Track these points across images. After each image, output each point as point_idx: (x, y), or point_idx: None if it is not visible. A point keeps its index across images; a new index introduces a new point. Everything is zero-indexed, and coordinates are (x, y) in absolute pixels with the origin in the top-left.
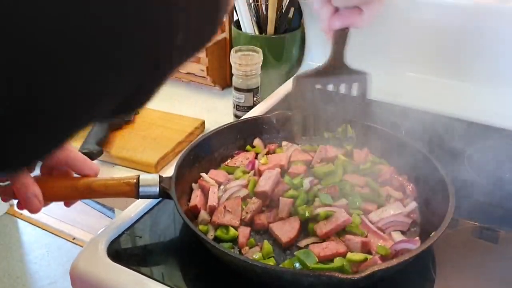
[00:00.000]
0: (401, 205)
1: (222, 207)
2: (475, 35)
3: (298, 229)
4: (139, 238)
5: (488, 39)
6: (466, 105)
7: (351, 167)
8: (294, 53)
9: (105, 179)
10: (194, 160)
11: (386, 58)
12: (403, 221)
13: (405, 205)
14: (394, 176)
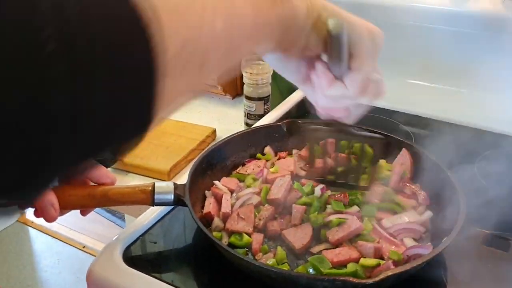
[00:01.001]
0: (416, 213)
1: (236, 214)
2: (482, 42)
3: (311, 236)
4: (154, 244)
5: (496, 46)
6: (476, 113)
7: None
8: None
9: (121, 187)
10: (206, 168)
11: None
12: (417, 229)
13: (418, 213)
14: (407, 184)
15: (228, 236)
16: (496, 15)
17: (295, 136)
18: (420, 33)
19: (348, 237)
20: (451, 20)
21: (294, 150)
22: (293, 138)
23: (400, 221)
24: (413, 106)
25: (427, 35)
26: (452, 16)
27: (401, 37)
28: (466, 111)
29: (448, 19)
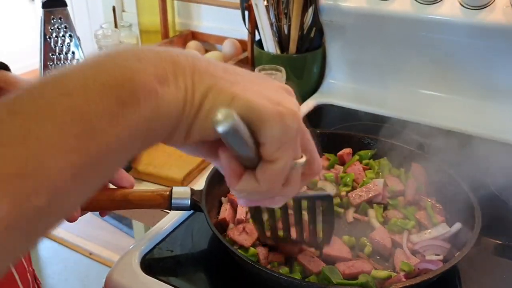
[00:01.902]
0: (446, 226)
1: (242, 227)
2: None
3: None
4: (170, 251)
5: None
6: (490, 124)
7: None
8: (315, 71)
9: (140, 191)
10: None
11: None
12: (441, 245)
13: (442, 228)
14: (422, 197)
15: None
16: (509, 27)
17: None
18: (433, 44)
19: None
20: (464, 31)
21: None
22: None
23: (426, 237)
24: (426, 117)
25: (440, 46)
26: (465, 27)
27: (414, 48)
28: (480, 122)
29: (461, 30)
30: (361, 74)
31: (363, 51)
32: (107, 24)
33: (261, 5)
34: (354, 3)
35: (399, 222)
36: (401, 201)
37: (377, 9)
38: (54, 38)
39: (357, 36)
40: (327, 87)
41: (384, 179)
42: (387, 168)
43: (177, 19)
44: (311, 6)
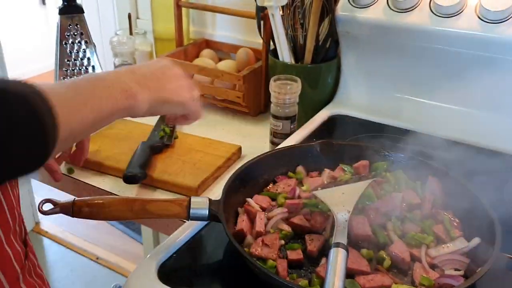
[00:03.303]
0: (465, 241)
1: (260, 241)
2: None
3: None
4: (188, 261)
5: None
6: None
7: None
8: (330, 82)
9: (159, 200)
10: (239, 185)
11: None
12: (460, 260)
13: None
14: (439, 211)
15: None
16: None
17: (328, 156)
18: (450, 57)
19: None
20: (482, 45)
21: (326, 169)
22: (326, 158)
23: (445, 251)
24: (441, 129)
25: (456, 59)
26: (483, 41)
27: (430, 60)
28: (496, 136)
29: (479, 44)
30: (375, 85)
31: (378, 62)
32: (121, 31)
33: (278, 15)
34: (371, 14)
35: (417, 236)
36: (417, 214)
37: (394, 21)
38: (70, 44)
39: (373, 47)
40: (341, 98)
41: (402, 193)
42: (403, 181)
43: (192, 27)
44: (327, 17)
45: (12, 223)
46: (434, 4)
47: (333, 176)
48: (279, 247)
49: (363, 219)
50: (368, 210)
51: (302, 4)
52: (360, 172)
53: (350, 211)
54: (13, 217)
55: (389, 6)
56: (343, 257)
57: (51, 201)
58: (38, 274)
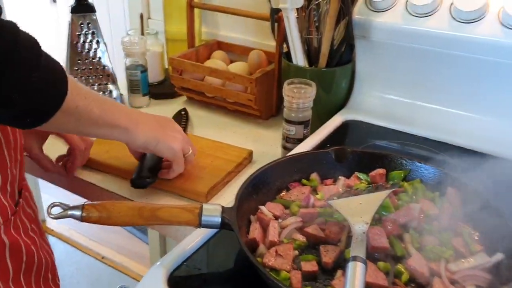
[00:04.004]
0: (486, 256)
1: (274, 251)
2: None
3: None
4: (198, 269)
5: None
6: None
7: None
8: (344, 86)
9: (170, 207)
10: (252, 192)
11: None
12: (482, 276)
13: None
14: (458, 223)
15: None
16: None
17: (343, 163)
18: (469, 64)
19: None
20: (501, 52)
21: (341, 177)
22: (341, 166)
23: (465, 266)
24: (459, 138)
25: (475, 66)
26: (503, 48)
27: (448, 66)
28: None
29: (498, 50)
30: (391, 91)
31: (394, 67)
32: (133, 31)
33: (292, 17)
34: (389, 18)
35: (435, 249)
36: (436, 226)
37: (412, 26)
38: (81, 43)
39: (389, 52)
40: (355, 103)
41: (420, 204)
42: (421, 191)
43: (204, 28)
44: (343, 20)
45: (1, 180)
46: (455, 9)
47: (349, 185)
48: (293, 258)
49: (380, 230)
50: (385, 221)
51: (318, 7)
52: (377, 181)
53: (368, 222)
54: (4, 175)
55: (407, 10)
56: (362, 271)
57: (59, 205)
58: (30, 236)
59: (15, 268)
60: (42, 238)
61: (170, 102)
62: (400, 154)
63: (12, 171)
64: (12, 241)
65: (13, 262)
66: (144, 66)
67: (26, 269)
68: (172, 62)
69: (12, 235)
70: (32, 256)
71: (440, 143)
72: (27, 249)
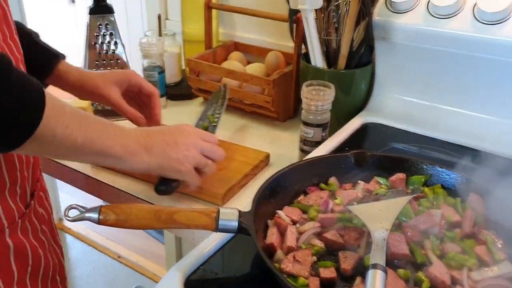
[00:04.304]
0: (510, 265)
1: (292, 257)
2: None
3: None
4: (215, 274)
5: None
6: None
7: None
8: (363, 88)
9: (187, 210)
10: (270, 195)
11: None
12: (507, 286)
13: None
14: (481, 230)
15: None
16: None
17: (362, 168)
18: (492, 67)
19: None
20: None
21: (360, 182)
22: (360, 170)
23: (489, 275)
24: (482, 142)
25: (499, 69)
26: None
27: (471, 69)
28: None
29: None
30: (411, 93)
31: (415, 69)
32: (150, 32)
33: (311, 18)
34: (410, 20)
35: (457, 257)
36: (457, 233)
37: (434, 27)
38: (100, 44)
39: (410, 54)
40: (375, 105)
41: (441, 210)
42: (442, 196)
43: (221, 29)
44: (363, 21)
45: (9, 182)
46: (478, 11)
47: (368, 189)
48: (311, 264)
49: (400, 237)
50: (405, 227)
51: (337, 8)
52: (397, 186)
53: (388, 229)
54: (12, 177)
55: (429, 11)
56: (382, 279)
57: (77, 208)
58: (39, 238)
59: (20, 271)
60: (54, 240)
61: (187, 103)
62: (421, 158)
63: (23, 173)
64: (18, 244)
65: (18, 265)
66: (162, 67)
67: (32, 272)
68: (189, 63)
69: (18, 237)
70: (39, 259)
71: (462, 147)
72: (34, 252)
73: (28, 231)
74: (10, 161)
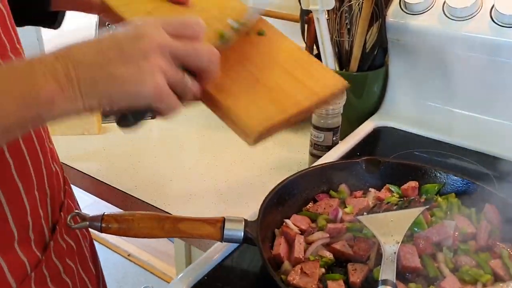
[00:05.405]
0: None
1: (299, 269)
2: None
3: None
4: (220, 285)
5: None
6: None
7: None
8: (376, 91)
9: (191, 219)
10: (277, 203)
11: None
12: None
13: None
14: (496, 243)
15: None
16: None
17: (374, 175)
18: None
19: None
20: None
21: (371, 189)
22: (371, 177)
23: None
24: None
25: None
26: None
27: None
28: None
29: None
30: (425, 97)
31: (430, 72)
32: None
33: (323, 19)
34: (425, 21)
35: (471, 271)
36: (472, 246)
37: (450, 29)
38: None
39: (424, 56)
40: (388, 109)
41: (455, 221)
42: (456, 206)
43: None
44: (376, 23)
45: (18, 232)
46: (496, 13)
47: (379, 198)
48: (319, 277)
49: (412, 249)
50: (417, 239)
51: (350, 9)
52: (409, 195)
53: (399, 242)
54: (21, 225)
55: (444, 13)
56: None
57: (79, 215)
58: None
59: None
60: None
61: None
62: (435, 166)
63: (37, 212)
64: None
65: None
66: None
67: None
68: None
69: None
70: None
71: (477, 153)
72: None
73: (46, 278)
74: (19, 206)
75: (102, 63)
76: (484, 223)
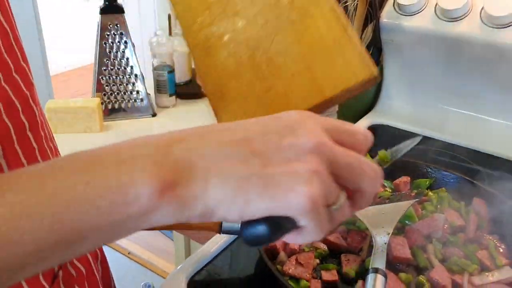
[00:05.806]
0: (511, 269)
1: (294, 259)
2: None
3: None
4: (218, 275)
5: None
6: None
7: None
8: (371, 90)
9: None
10: None
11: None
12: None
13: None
14: (484, 235)
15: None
16: None
17: None
18: (500, 70)
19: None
20: None
21: None
22: None
23: (490, 280)
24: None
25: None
26: None
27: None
28: None
29: None
30: (419, 95)
31: (423, 72)
32: (161, 31)
33: None
34: (418, 22)
35: (459, 261)
36: (461, 238)
37: (442, 30)
38: (110, 43)
39: (418, 56)
40: (382, 107)
41: (445, 214)
42: (446, 200)
43: None
44: (370, 23)
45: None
46: (486, 14)
47: None
48: (313, 267)
49: (403, 241)
50: (408, 231)
51: (345, 9)
52: (401, 189)
53: (390, 233)
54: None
55: (436, 14)
56: (381, 284)
57: None
58: None
59: None
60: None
61: (196, 103)
62: (426, 161)
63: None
64: None
65: None
66: (171, 66)
67: None
68: None
69: None
70: None
71: (468, 150)
72: None
73: None
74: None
75: (244, 158)
76: (472, 216)
